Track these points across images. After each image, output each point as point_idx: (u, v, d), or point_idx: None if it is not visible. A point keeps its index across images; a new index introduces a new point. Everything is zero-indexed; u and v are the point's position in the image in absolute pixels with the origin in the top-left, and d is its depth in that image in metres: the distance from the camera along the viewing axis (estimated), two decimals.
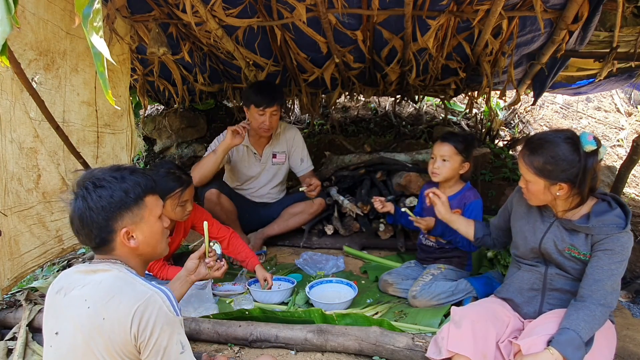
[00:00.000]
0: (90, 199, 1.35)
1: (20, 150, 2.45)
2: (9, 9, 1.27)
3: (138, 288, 1.32)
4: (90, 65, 2.72)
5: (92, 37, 1.26)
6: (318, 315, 2.16)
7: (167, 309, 1.31)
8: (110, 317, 1.27)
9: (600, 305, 1.66)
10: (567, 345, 1.58)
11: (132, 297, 1.29)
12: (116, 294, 1.30)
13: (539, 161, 1.74)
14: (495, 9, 2.61)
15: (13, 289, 2.56)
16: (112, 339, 1.27)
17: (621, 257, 1.69)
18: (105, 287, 1.32)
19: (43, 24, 2.40)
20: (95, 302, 1.29)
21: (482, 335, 1.72)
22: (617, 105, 6.10)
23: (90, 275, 1.37)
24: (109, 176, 1.40)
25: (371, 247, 3.33)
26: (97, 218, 1.35)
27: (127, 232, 1.40)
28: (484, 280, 2.52)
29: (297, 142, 3.46)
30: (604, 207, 1.77)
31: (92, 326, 1.28)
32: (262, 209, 3.44)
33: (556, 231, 1.84)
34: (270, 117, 3.12)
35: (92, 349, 1.27)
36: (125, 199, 1.39)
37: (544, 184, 1.75)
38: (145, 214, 1.44)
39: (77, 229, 1.39)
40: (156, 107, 5.42)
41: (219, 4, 2.83)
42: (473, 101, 4.22)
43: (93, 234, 1.37)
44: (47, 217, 2.64)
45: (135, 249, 1.43)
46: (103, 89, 1.29)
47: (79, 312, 1.30)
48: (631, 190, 4.56)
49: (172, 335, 1.31)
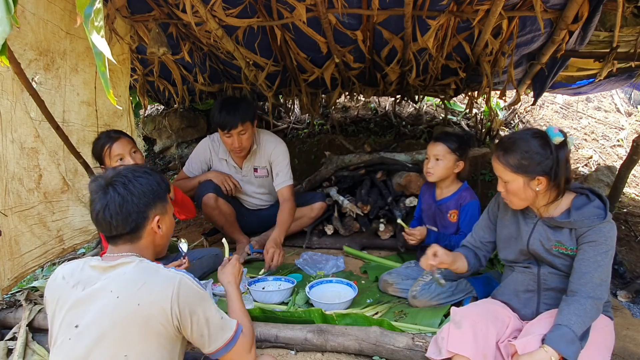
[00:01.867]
0: (132, 185, 1.50)
1: (21, 150, 2.46)
2: (8, 9, 1.27)
3: (163, 273, 1.44)
4: (90, 65, 2.72)
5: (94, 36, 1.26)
6: (318, 315, 2.16)
7: (197, 287, 1.46)
8: (144, 303, 1.36)
9: (590, 297, 1.67)
10: (560, 340, 1.59)
11: (163, 282, 1.41)
12: (146, 281, 1.40)
13: (514, 158, 1.77)
14: (495, 9, 2.61)
15: (13, 289, 2.56)
16: (149, 323, 1.36)
17: (606, 247, 1.71)
18: (132, 276, 1.41)
19: (43, 24, 2.40)
20: (124, 292, 1.38)
21: (483, 335, 1.73)
22: (617, 105, 6.10)
23: (109, 271, 1.44)
24: (141, 170, 1.57)
25: (371, 247, 3.33)
26: (138, 202, 1.49)
27: (159, 220, 1.56)
28: (484, 280, 2.52)
29: (277, 154, 3.19)
30: (583, 200, 1.81)
31: (126, 313, 1.35)
32: (260, 213, 3.44)
33: (541, 231, 1.86)
34: (238, 138, 2.96)
35: (125, 336, 1.35)
36: (158, 189, 1.56)
37: (523, 180, 1.78)
38: (167, 208, 1.62)
39: (112, 216, 1.47)
40: (156, 107, 5.43)
41: (219, 4, 2.83)
42: (473, 101, 4.22)
43: (131, 218, 1.49)
44: (47, 217, 2.64)
45: (159, 238, 1.59)
46: (105, 89, 1.29)
47: (106, 302, 1.37)
48: (631, 190, 4.56)
49: (208, 307, 1.47)
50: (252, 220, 3.40)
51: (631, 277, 3.01)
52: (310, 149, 4.77)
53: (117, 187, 1.49)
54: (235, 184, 3.20)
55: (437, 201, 2.75)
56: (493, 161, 1.87)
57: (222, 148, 3.22)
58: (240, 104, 2.96)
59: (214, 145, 3.26)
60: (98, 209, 1.48)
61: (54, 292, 1.46)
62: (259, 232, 3.37)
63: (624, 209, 3.89)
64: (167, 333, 1.39)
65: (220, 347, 1.49)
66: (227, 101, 2.99)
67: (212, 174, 3.22)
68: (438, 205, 2.74)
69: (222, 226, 3.25)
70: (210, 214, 3.19)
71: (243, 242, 3.23)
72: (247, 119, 2.94)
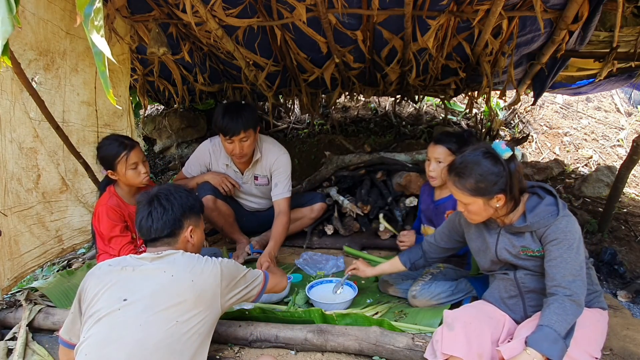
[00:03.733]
0: (173, 197, 1.86)
1: (20, 150, 2.46)
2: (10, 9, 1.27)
3: (208, 259, 1.78)
4: (90, 65, 2.72)
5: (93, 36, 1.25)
6: (318, 315, 2.16)
7: (229, 262, 1.85)
8: (197, 280, 1.68)
9: (567, 296, 1.67)
10: (542, 341, 1.59)
11: (209, 265, 1.75)
12: (195, 264, 1.73)
13: (470, 183, 1.78)
14: (495, 9, 2.61)
15: (13, 289, 2.56)
16: (202, 294, 1.68)
17: (568, 242, 1.71)
18: (183, 261, 1.73)
19: (43, 24, 2.40)
20: (179, 271, 1.68)
21: (476, 336, 1.73)
22: (617, 105, 6.10)
23: (157, 259, 1.73)
24: (182, 189, 1.93)
25: (371, 247, 3.32)
26: (176, 211, 1.84)
27: (192, 230, 1.88)
28: (484, 280, 2.51)
29: (278, 165, 3.12)
30: (535, 200, 1.83)
31: (183, 288, 1.65)
32: (259, 213, 3.43)
33: (504, 239, 1.88)
34: (239, 145, 2.91)
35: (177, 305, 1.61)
36: (194, 204, 1.93)
37: (482, 201, 1.79)
38: (200, 223, 1.97)
39: (153, 221, 1.80)
40: (156, 107, 5.43)
41: (219, 4, 2.82)
42: (473, 101, 4.23)
43: (169, 223, 1.81)
44: (46, 217, 2.64)
45: (190, 247, 1.88)
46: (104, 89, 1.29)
47: (161, 280, 1.64)
48: (631, 190, 4.56)
49: (242, 272, 1.90)
50: (251, 221, 3.40)
51: (631, 277, 3.01)
52: (310, 149, 4.77)
53: (161, 198, 1.84)
54: (233, 184, 3.19)
55: (435, 201, 2.74)
56: (449, 185, 1.87)
57: (223, 153, 3.16)
58: (244, 111, 2.91)
59: (215, 150, 3.21)
60: (142, 216, 1.82)
61: (99, 278, 1.66)
62: (258, 232, 3.36)
63: (624, 209, 3.88)
64: (213, 304, 1.71)
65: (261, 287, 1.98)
66: (230, 106, 2.93)
67: (209, 176, 3.20)
68: (436, 205, 2.74)
69: (221, 227, 3.24)
70: (209, 216, 3.18)
71: (243, 242, 3.23)
72: (250, 126, 2.89)
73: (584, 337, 1.72)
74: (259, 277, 1.99)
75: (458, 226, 2.12)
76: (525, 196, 1.85)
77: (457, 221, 2.12)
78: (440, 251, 2.26)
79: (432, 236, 2.28)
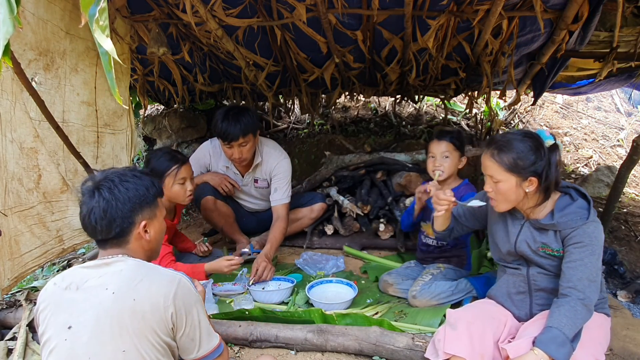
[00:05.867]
0: (118, 190, 1.49)
1: (21, 150, 2.45)
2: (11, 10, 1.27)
3: (163, 272, 1.45)
4: (90, 66, 2.72)
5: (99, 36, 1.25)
6: (318, 315, 2.16)
7: (194, 289, 1.48)
8: (141, 298, 1.35)
9: (580, 300, 1.67)
10: (550, 343, 1.59)
11: (163, 280, 1.41)
12: (144, 277, 1.39)
13: (509, 157, 1.76)
14: (495, 9, 2.61)
15: (13, 289, 2.56)
16: (146, 318, 1.35)
17: (592, 248, 1.71)
18: (129, 273, 1.40)
19: (43, 24, 2.40)
20: (121, 287, 1.36)
21: (479, 335, 1.73)
22: (617, 105, 6.09)
23: (104, 268, 1.43)
24: (130, 174, 1.55)
25: (371, 247, 3.33)
26: (122, 208, 1.48)
27: (145, 225, 1.53)
28: (484, 280, 2.52)
29: (278, 170, 3.11)
30: (566, 200, 1.81)
31: (122, 308, 1.34)
32: (259, 214, 3.43)
33: (527, 232, 1.87)
34: (238, 150, 2.90)
35: (121, 331, 1.32)
36: (146, 194, 1.55)
37: (516, 180, 1.77)
38: (157, 212, 1.60)
39: (96, 221, 1.47)
40: (156, 107, 5.42)
41: (219, 4, 2.82)
42: (473, 101, 4.22)
43: (115, 223, 1.47)
44: (47, 217, 2.64)
45: (147, 243, 1.56)
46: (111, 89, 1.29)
47: (101, 299, 1.35)
48: (631, 190, 4.56)
49: (201, 309, 1.48)
50: (250, 221, 3.40)
51: (631, 277, 3.01)
52: (310, 149, 4.76)
53: (102, 191, 1.48)
54: (233, 184, 3.19)
55: None
56: (484, 159, 1.84)
57: (223, 154, 3.15)
58: (243, 116, 2.87)
59: (215, 152, 3.21)
60: (84, 213, 1.50)
61: (46, 300, 1.42)
62: (258, 232, 3.37)
63: (624, 209, 3.88)
64: (161, 330, 1.38)
65: (209, 352, 1.49)
66: (230, 111, 2.89)
67: (207, 176, 3.20)
68: None
69: (221, 227, 3.25)
70: (209, 216, 3.18)
71: (243, 242, 3.23)
72: (249, 131, 2.86)
73: (590, 340, 1.72)
74: (214, 336, 1.52)
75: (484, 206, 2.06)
76: (556, 195, 1.84)
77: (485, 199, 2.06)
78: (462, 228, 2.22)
79: (456, 209, 2.20)
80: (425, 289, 2.42)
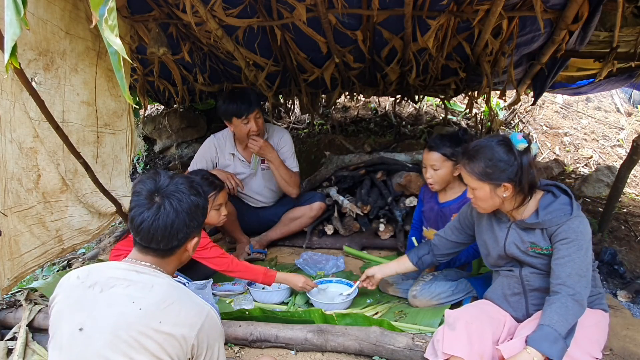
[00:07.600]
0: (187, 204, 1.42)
1: (20, 150, 2.45)
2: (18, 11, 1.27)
3: (196, 300, 1.39)
4: (90, 65, 2.72)
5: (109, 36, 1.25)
6: (318, 315, 2.16)
7: (220, 323, 1.44)
8: (167, 322, 1.31)
9: (570, 295, 1.67)
10: (542, 340, 1.59)
11: (192, 309, 1.36)
12: (175, 301, 1.34)
13: (479, 166, 1.79)
14: (495, 9, 2.61)
15: (13, 289, 2.56)
16: (167, 342, 1.30)
17: (578, 242, 1.72)
18: (161, 292, 1.34)
19: (42, 24, 2.40)
20: (149, 306, 1.31)
21: (478, 335, 1.73)
22: (617, 105, 6.09)
23: (133, 275, 1.36)
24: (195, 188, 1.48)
25: (371, 247, 3.33)
26: (189, 224, 1.42)
27: (195, 241, 1.49)
28: (484, 280, 2.51)
29: (284, 143, 3.27)
30: (549, 198, 1.83)
31: (147, 327, 1.29)
32: (261, 212, 3.43)
33: (515, 234, 1.88)
34: (255, 122, 3.02)
35: (140, 349, 1.29)
36: (204, 211, 1.50)
37: (489, 187, 1.80)
38: (201, 229, 1.53)
39: (158, 230, 1.38)
40: (156, 107, 5.43)
41: (219, 4, 2.83)
42: (473, 101, 4.23)
43: (177, 237, 1.41)
44: (47, 217, 2.63)
45: (186, 257, 1.52)
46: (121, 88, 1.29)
47: (126, 310, 1.30)
48: (631, 190, 4.56)
49: (222, 345, 1.44)
50: (252, 220, 3.40)
51: (631, 277, 3.01)
52: (310, 149, 4.77)
53: (172, 201, 1.40)
54: (237, 183, 3.20)
55: (441, 204, 2.70)
56: (460, 168, 1.90)
57: (229, 142, 3.24)
58: (248, 92, 3.07)
59: (220, 143, 3.27)
60: (145, 219, 1.38)
61: (66, 291, 1.38)
62: (259, 232, 3.37)
63: (624, 209, 3.88)
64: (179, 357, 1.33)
65: None
66: (235, 91, 3.09)
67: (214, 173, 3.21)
68: (441, 207, 2.70)
69: (223, 225, 3.25)
70: None
71: (243, 241, 3.24)
72: (258, 104, 3.04)
73: (585, 338, 1.72)
74: None
75: (470, 217, 2.11)
76: (539, 193, 1.85)
77: (469, 212, 2.11)
78: (450, 245, 2.24)
79: (442, 230, 2.27)
80: (426, 289, 2.42)
